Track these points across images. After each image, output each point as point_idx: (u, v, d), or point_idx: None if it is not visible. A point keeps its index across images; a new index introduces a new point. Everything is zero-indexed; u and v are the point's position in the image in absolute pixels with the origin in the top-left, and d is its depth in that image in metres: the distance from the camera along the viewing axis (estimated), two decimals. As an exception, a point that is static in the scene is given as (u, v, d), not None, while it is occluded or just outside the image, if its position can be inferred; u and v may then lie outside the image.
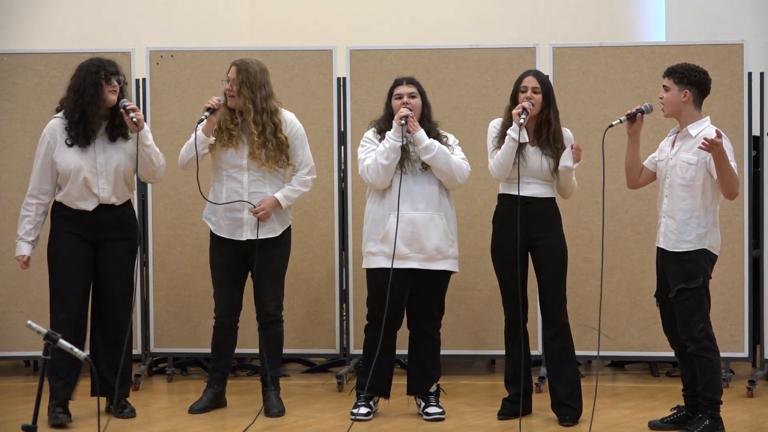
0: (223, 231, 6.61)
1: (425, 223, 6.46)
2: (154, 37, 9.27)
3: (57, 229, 6.42)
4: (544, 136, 6.34)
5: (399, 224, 6.40)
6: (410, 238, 6.44)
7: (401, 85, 6.55)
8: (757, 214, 7.55)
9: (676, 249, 6.04)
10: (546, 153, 6.33)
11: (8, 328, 7.75)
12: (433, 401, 6.59)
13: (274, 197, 6.58)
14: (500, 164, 6.33)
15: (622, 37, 10.75)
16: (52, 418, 6.35)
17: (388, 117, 6.56)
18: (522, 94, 6.32)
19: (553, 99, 6.37)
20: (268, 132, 6.52)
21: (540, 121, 6.36)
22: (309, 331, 7.81)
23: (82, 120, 6.31)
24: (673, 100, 6.07)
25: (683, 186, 6.02)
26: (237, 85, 6.52)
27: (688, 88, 6.04)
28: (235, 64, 6.58)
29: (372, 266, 6.51)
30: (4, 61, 7.78)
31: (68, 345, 4.71)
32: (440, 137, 6.55)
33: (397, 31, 10.60)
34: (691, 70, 6.04)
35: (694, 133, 6.04)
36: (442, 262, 6.49)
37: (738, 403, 6.96)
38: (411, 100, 6.51)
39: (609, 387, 7.58)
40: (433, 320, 6.60)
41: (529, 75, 6.37)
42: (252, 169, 6.57)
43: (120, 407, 6.53)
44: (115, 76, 6.36)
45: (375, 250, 6.50)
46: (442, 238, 6.48)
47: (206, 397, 6.73)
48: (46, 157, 6.38)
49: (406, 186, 6.45)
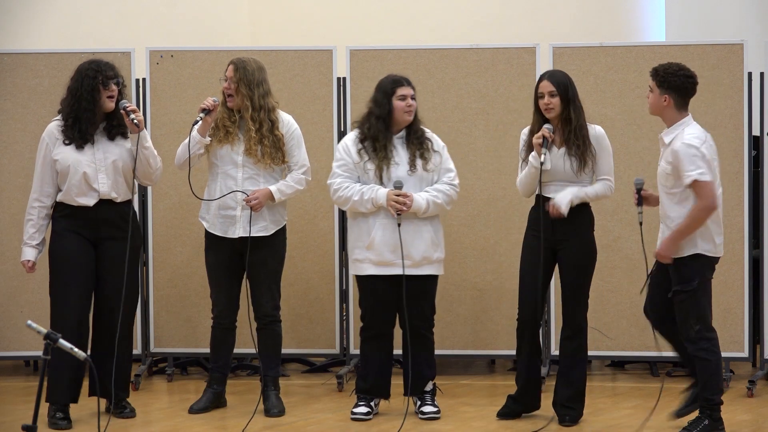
0: (217, 229, 6.62)
1: (411, 230, 6.46)
2: (154, 37, 9.27)
3: (58, 228, 6.42)
4: (566, 135, 6.31)
5: (385, 232, 6.44)
6: (396, 246, 6.44)
7: (403, 86, 6.53)
8: (757, 214, 7.55)
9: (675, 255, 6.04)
10: (570, 153, 6.27)
11: (8, 328, 7.75)
12: (428, 400, 6.60)
13: (268, 189, 6.58)
14: (524, 185, 6.38)
15: (622, 37, 10.74)
16: (52, 423, 6.34)
17: (383, 116, 6.49)
18: (541, 100, 6.29)
19: (572, 96, 6.27)
20: (265, 129, 6.54)
21: (561, 121, 6.31)
22: (309, 331, 7.81)
23: (77, 123, 6.34)
24: (654, 103, 6.02)
25: (667, 194, 5.98)
26: (235, 83, 6.53)
27: (668, 93, 5.94)
28: (232, 62, 6.59)
29: (359, 273, 6.55)
30: (4, 61, 7.78)
31: (68, 345, 4.70)
32: (424, 140, 6.54)
33: (397, 31, 10.59)
34: (672, 74, 5.94)
35: (668, 140, 5.97)
36: (426, 267, 6.52)
37: (738, 403, 6.96)
38: (413, 102, 6.52)
39: (609, 387, 7.58)
40: (425, 320, 6.60)
41: (543, 79, 6.30)
42: (247, 166, 6.58)
43: (120, 408, 6.53)
44: (113, 80, 6.36)
45: (361, 257, 6.52)
46: (429, 245, 6.50)
47: (206, 397, 6.73)
48: (46, 158, 6.40)
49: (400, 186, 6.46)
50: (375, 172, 6.47)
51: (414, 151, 6.51)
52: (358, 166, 6.51)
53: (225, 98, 6.59)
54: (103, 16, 10.11)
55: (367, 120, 6.55)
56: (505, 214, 7.66)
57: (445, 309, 7.62)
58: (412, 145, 6.52)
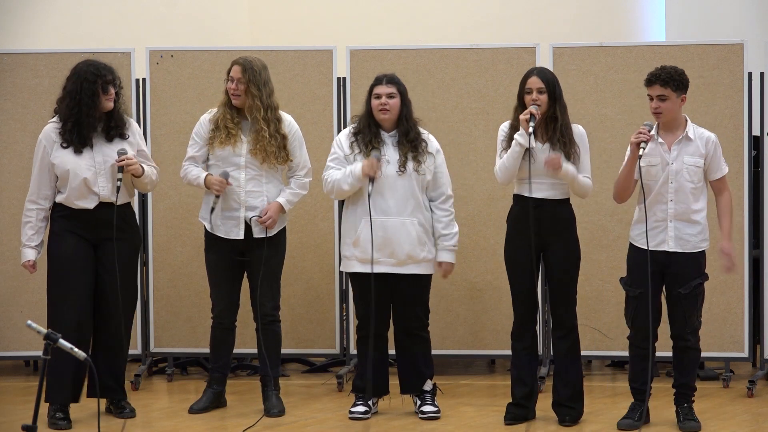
0: (219, 230, 6.61)
1: (396, 228, 6.46)
2: (154, 37, 9.27)
3: (57, 229, 6.42)
4: (551, 133, 6.31)
5: (370, 228, 6.43)
6: (381, 243, 6.45)
7: (381, 84, 6.53)
8: (757, 214, 7.55)
9: (697, 249, 6.20)
10: (556, 150, 6.28)
11: (8, 328, 7.75)
12: (428, 400, 6.60)
13: (278, 203, 6.59)
14: (505, 168, 6.31)
15: (622, 37, 10.74)
16: (52, 423, 6.34)
17: (367, 114, 6.54)
18: (527, 96, 6.28)
19: (559, 95, 6.29)
20: (272, 128, 6.54)
21: (547, 119, 6.33)
22: (309, 331, 7.81)
23: (76, 127, 6.33)
24: (673, 108, 6.14)
25: (694, 189, 6.14)
26: (244, 83, 6.52)
27: (683, 92, 6.15)
28: (237, 63, 6.57)
29: (348, 270, 6.58)
30: (4, 61, 7.78)
31: (68, 345, 4.70)
32: (419, 140, 6.54)
33: (397, 31, 10.60)
34: (681, 74, 6.15)
35: (693, 136, 6.15)
36: (413, 266, 6.51)
37: (738, 403, 6.96)
38: (389, 101, 6.50)
39: (609, 387, 7.58)
40: (418, 320, 6.60)
41: (532, 75, 6.31)
42: (249, 167, 6.57)
43: (120, 408, 6.53)
44: (111, 84, 6.35)
45: (348, 254, 6.54)
46: (414, 243, 6.48)
47: (206, 397, 6.73)
48: (44, 161, 6.39)
49: (378, 190, 6.45)
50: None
51: (406, 152, 6.50)
52: (349, 158, 6.51)
53: (227, 98, 6.58)
54: (103, 16, 10.11)
55: (360, 116, 6.59)
56: (505, 214, 7.61)
57: (444, 309, 7.63)
58: (404, 146, 6.52)
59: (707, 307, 7.45)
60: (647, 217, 6.15)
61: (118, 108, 6.44)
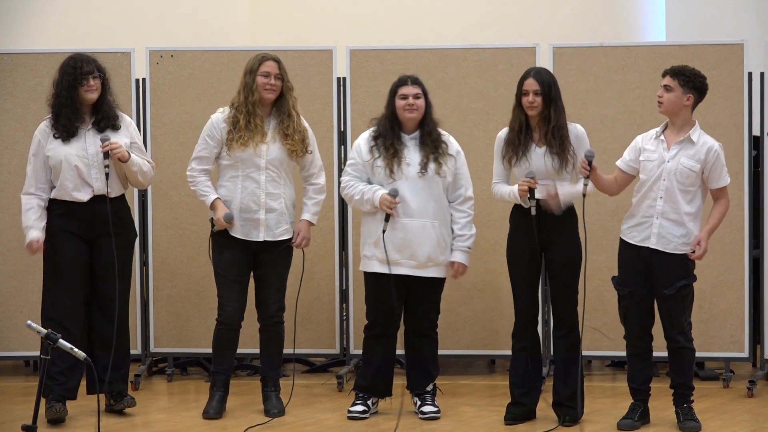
0: (238, 231, 6.59)
1: (417, 230, 6.46)
2: (154, 37, 9.26)
3: (53, 228, 6.45)
4: (545, 134, 6.31)
5: (391, 230, 6.44)
6: (402, 245, 6.45)
7: (406, 85, 6.53)
8: (757, 214, 7.55)
9: (678, 251, 6.16)
10: (551, 151, 6.29)
11: (8, 328, 7.75)
12: (428, 400, 6.60)
13: (306, 221, 6.67)
14: (499, 198, 6.49)
15: (622, 37, 10.74)
16: (49, 411, 6.34)
17: (389, 116, 6.55)
18: (524, 97, 6.29)
19: (555, 97, 6.28)
20: (298, 120, 6.59)
21: (540, 120, 6.33)
22: (309, 331, 7.81)
23: (62, 118, 6.39)
24: (674, 101, 6.14)
25: (683, 191, 6.14)
26: (280, 78, 6.52)
27: (691, 93, 6.14)
28: (272, 58, 6.54)
29: (367, 270, 6.56)
30: (4, 61, 7.78)
31: (68, 345, 4.71)
32: (440, 141, 6.55)
33: (397, 31, 10.60)
34: (697, 76, 6.16)
35: (696, 140, 6.15)
36: (432, 269, 6.52)
37: (738, 403, 6.97)
38: (416, 101, 6.51)
39: (609, 387, 7.58)
40: (429, 321, 6.62)
41: (529, 77, 6.30)
42: (270, 168, 6.54)
43: (119, 396, 6.53)
44: (91, 75, 6.38)
45: (369, 254, 6.53)
46: (434, 246, 6.49)
47: (216, 401, 6.64)
48: (39, 154, 6.45)
49: (400, 191, 6.45)
50: (384, 170, 6.47)
51: (428, 154, 6.50)
52: (368, 164, 6.51)
53: (245, 96, 6.51)
54: (103, 16, 10.11)
55: (380, 119, 6.58)
56: (505, 214, 7.62)
57: (445, 309, 7.59)
58: (426, 147, 6.52)
59: (707, 307, 7.47)
60: (637, 212, 6.22)
61: (107, 100, 6.45)
